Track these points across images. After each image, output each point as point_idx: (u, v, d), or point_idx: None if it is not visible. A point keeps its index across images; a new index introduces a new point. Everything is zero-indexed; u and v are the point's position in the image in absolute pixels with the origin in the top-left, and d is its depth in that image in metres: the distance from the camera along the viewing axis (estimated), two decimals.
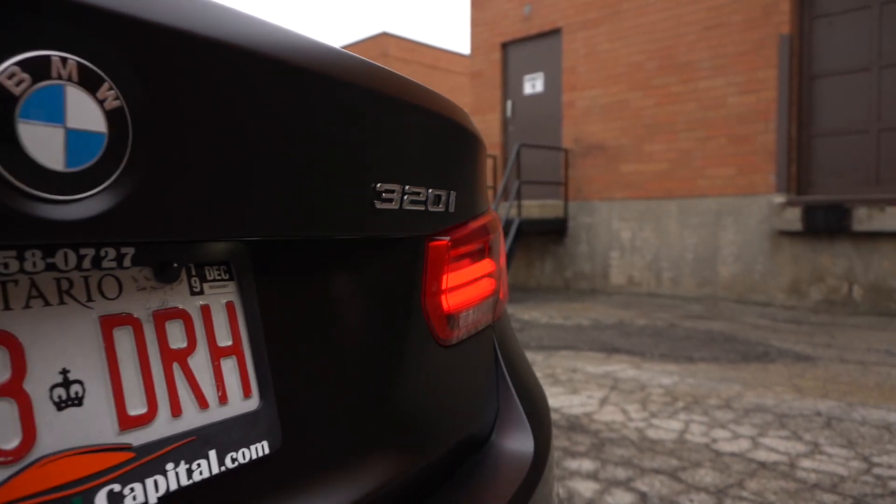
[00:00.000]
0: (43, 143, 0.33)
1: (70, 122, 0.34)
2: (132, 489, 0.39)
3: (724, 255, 6.77)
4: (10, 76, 0.31)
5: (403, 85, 0.62)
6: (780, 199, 6.33)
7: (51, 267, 0.39)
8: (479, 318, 0.80)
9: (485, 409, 0.79)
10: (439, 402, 0.69)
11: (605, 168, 7.76)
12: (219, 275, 0.48)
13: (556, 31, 8.31)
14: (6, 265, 0.36)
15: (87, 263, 0.40)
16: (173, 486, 0.41)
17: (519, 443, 0.76)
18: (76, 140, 0.34)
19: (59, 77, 0.33)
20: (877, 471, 2.27)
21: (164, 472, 0.41)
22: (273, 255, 0.52)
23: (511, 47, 8.91)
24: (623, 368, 3.88)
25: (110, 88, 0.35)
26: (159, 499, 0.40)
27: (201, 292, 0.47)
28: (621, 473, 2.27)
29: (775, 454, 2.45)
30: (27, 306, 0.37)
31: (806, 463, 2.36)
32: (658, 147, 7.28)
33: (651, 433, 2.70)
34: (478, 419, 0.77)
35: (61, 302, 0.39)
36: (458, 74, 17.46)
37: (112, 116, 0.36)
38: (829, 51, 6.25)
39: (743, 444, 2.56)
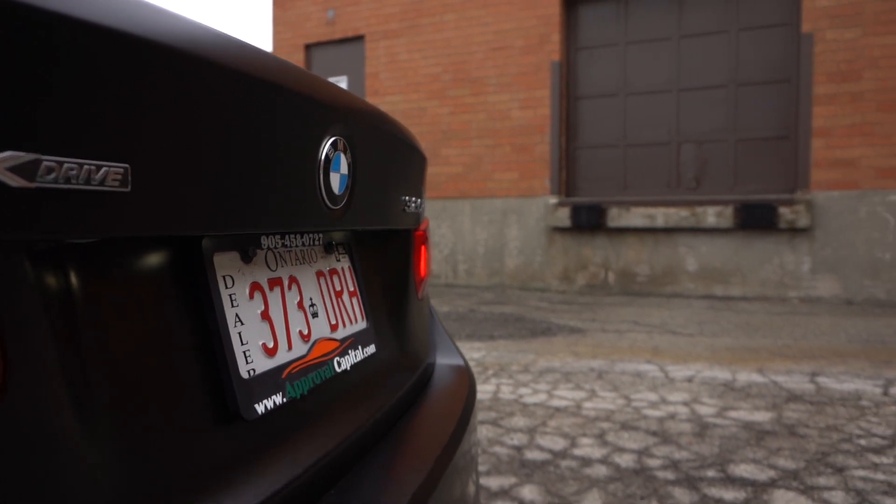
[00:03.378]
0: (335, 182, 0.67)
1: (341, 170, 0.68)
2: (343, 360, 0.73)
3: (509, 249, 7.76)
4: (328, 149, 0.65)
5: (406, 132, 1.00)
6: (553, 200, 7.46)
7: (302, 244, 0.72)
8: (426, 285, 1.20)
9: (432, 344, 1.19)
10: (420, 335, 1.08)
11: None
12: (342, 250, 0.83)
13: (359, 38, 8.73)
14: (292, 243, 0.69)
15: (309, 242, 0.74)
16: (352, 362, 0.76)
17: (456, 362, 1.18)
18: (341, 179, 0.68)
19: (340, 148, 0.67)
20: (634, 404, 3.07)
21: (348, 354, 0.75)
22: (361, 239, 0.88)
23: (315, 49, 9.14)
24: None
25: (350, 152, 0.70)
26: (351, 366, 0.75)
27: (339, 260, 0.81)
28: None
29: (565, 401, 3.15)
30: (294, 264, 0.70)
31: (587, 404, 3.08)
32: (453, 152, 8.07)
33: None
34: (431, 350, 1.17)
35: (303, 262, 0.72)
36: None
37: (349, 167, 0.70)
38: (589, 77, 7.52)
39: (541, 397, 3.23)
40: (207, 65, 0.47)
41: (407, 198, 0.94)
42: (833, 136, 6.12)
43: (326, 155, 0.65)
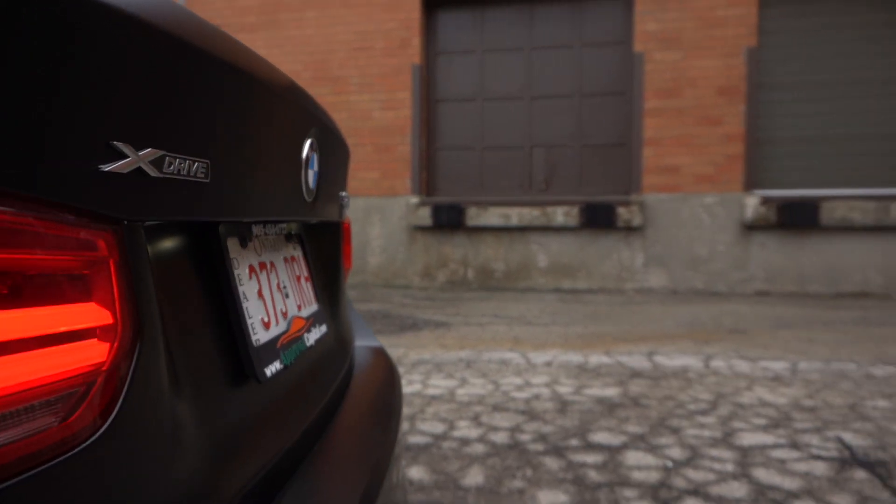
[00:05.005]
0: (310, 177, 0.76)
1: (314, 167, 0.77)
2: (310, 336, 0.82)
3: (372, 247, 7.87)
4: (307, 149, 0.75)
5: (336, 127, 1.10)
6: (415, 200, 7.68)
7: (275, 233, 0.80)
8: (349, 273, 1.30)
9: (352, 327, 1.30)
10: (347, 319, 1.18)
11: None
12: (296, 240, 0.92)
13: None
14: (269, 232, 0.77)
15: (279, 231, 0.82)
16: (314, 339, 0.85)
17: (374, 343, 1.30)
18: (314, 175, 0.78)
19: (314, 149, 0.77)
20: (502, 388, 3.33)
21: (311, 331, 0.84)
22: (308, 230, 0.97)
23: None
24: None
25: (318, 151, 0.79)
26: (314, 341, 0.84)
27: (295, 249, 0.90)
28: None
29: (439, 389, 3.34)
30: (270, 251, 0.78)
31: (460, 391, 3.29)
32: None
33: None
34: (353, 333, 1.27)
35: (275, 250, 0.80)
36: None
37: (318, 163, 0.80)
38: (448, 82, 7.83)
39: (417, 387, 3.39)
40: (251, 80, 0.56)
41: (343, 193, 1.05)
42: (661, 146, 6.92)
43: (307, 154, 0.74)
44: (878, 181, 6.73)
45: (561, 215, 7.07)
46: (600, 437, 2.58)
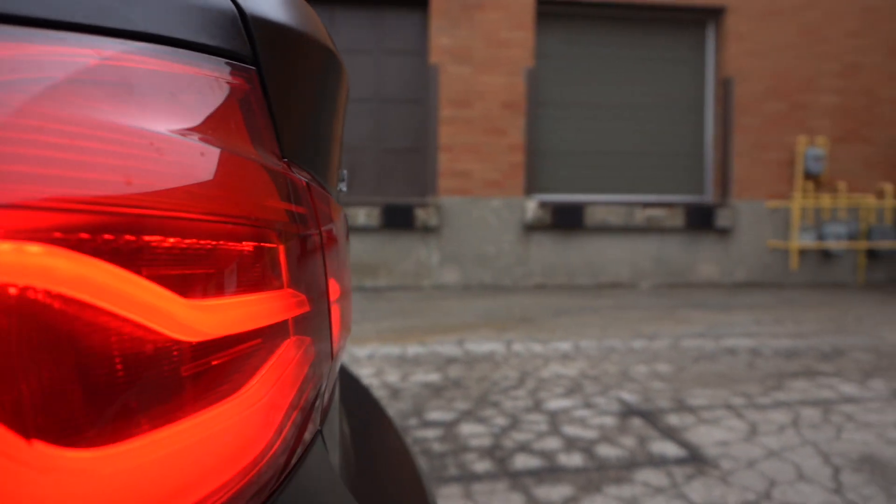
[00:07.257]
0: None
1: None
2: None
3: None
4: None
5: None
6: None
7: None
8: None
9: None
10: None
11: None
12: None
13: None
14: None
15: None
16: None
17: None
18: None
19: None
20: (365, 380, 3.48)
21: None
22: None
23: None
24: None
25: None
26: None
27: None
28: None
29: None
30: None
31: None
32: None
33: None
34: None
35: None
36: None
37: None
38: None
39: None
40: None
41: None
42: (454, 152, 7.52)
43: None
44: (626, 189, 8.06)
45: (363, 216, 7.32)
46: (435, 415, 2.87)
